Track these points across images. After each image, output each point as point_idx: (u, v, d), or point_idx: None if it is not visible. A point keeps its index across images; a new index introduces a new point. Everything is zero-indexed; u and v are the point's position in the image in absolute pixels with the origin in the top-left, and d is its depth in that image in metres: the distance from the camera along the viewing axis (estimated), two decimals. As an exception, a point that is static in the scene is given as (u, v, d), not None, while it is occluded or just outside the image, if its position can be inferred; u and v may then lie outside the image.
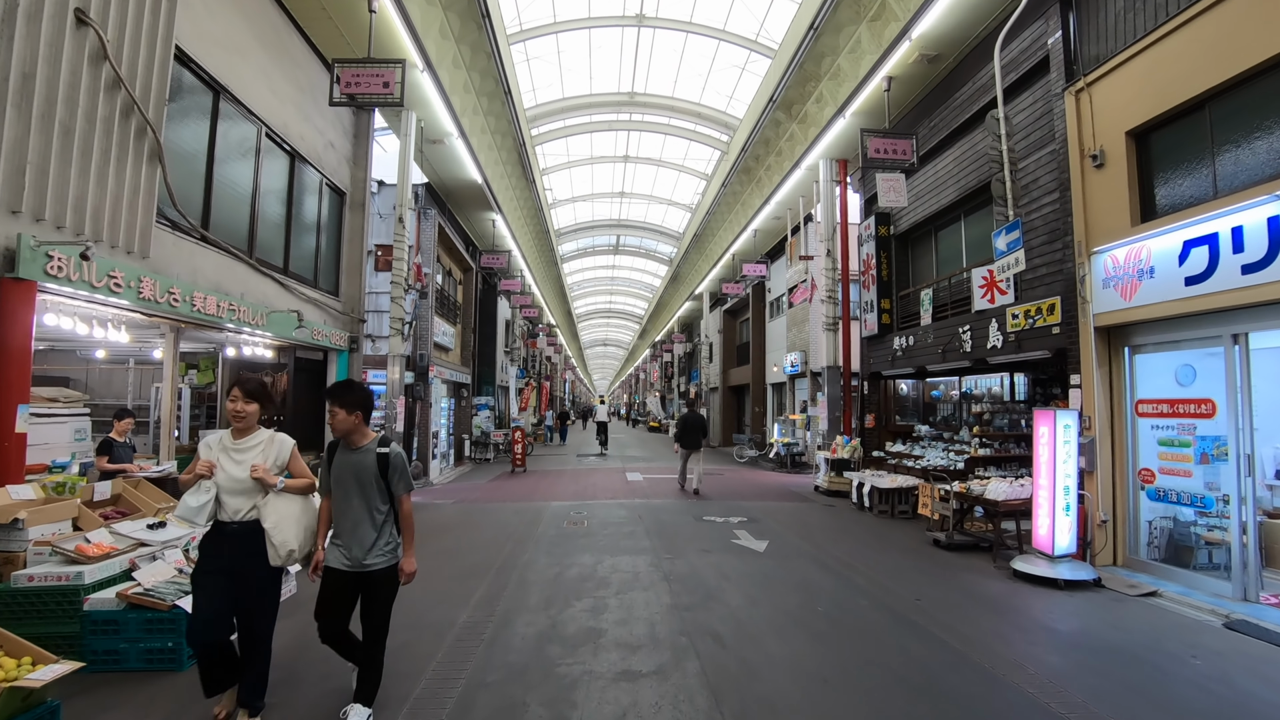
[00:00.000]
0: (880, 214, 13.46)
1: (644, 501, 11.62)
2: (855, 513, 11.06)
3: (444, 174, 15.95)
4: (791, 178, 15.98)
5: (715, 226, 23.69)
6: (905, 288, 13.24)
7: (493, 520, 9.88)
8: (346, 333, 11.72)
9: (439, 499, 12.34)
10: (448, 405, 18.66)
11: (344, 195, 11.95)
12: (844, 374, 14.40)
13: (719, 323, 30.15)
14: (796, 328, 20.64)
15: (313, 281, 10.81)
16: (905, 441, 13.49)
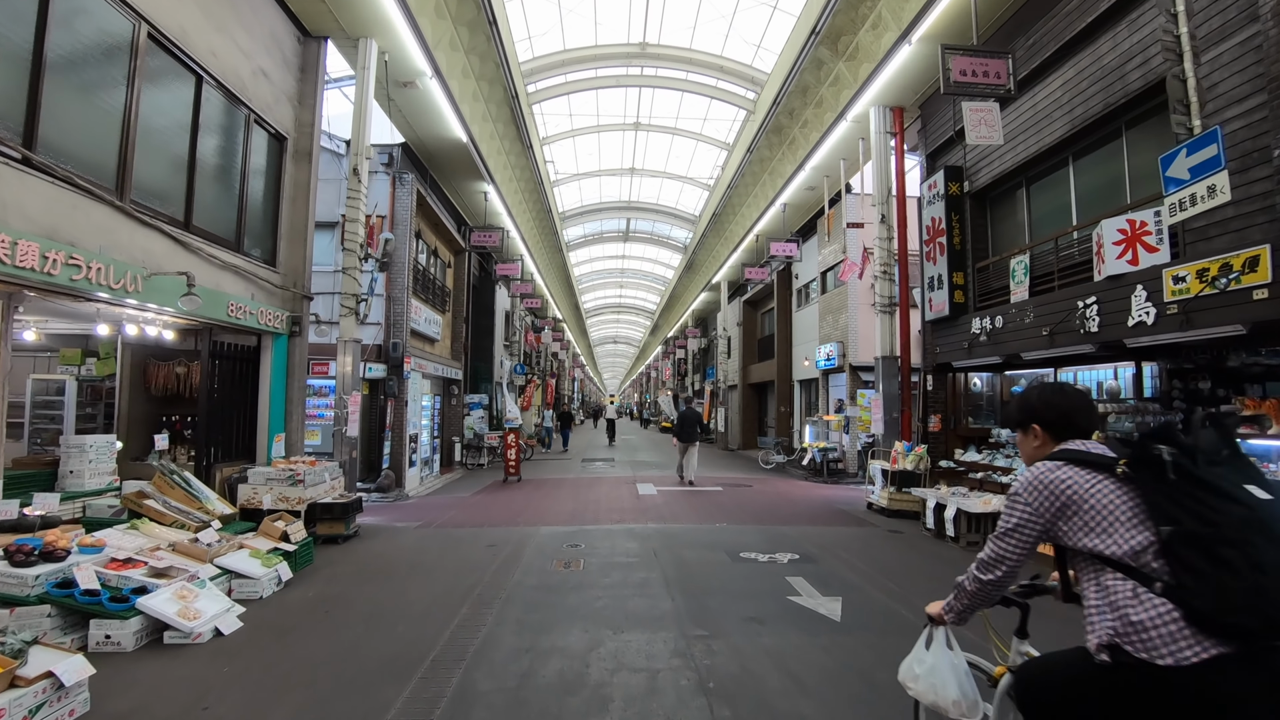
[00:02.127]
0: (950, 168, 10.89)
1: (659, 527, 9.10)
2: (934, 544, 8.53)
3: (423, 131, 13.52)
4: (834, 133, 13.42)
5: (737, 203, 21.14)
6: (984, 257, 10.67)
7: (459, 556, 7.41)
8: (285, 312, 9.30)
9: (404, 519, 9.89)
10: (431, 403, 16.24)
11: (283, 141, 9.53)
12: (903, 366, 11.84)
13: (738, 314, 27.60)
14: (831, 316, 18.08)
15: (234, 244, 8.40)
16: (980, 448, 10.93)
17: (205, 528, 6.52)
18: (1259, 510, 1.64)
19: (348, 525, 8.35)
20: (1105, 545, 1.76)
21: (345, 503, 8.33)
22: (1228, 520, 1.63)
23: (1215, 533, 1.62)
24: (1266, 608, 1.54)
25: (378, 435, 13.21)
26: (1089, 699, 1.79)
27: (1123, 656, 1.68)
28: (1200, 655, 1.57)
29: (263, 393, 9.23)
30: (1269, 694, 1.54)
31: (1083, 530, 1.81)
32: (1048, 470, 1.92)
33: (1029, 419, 2.15)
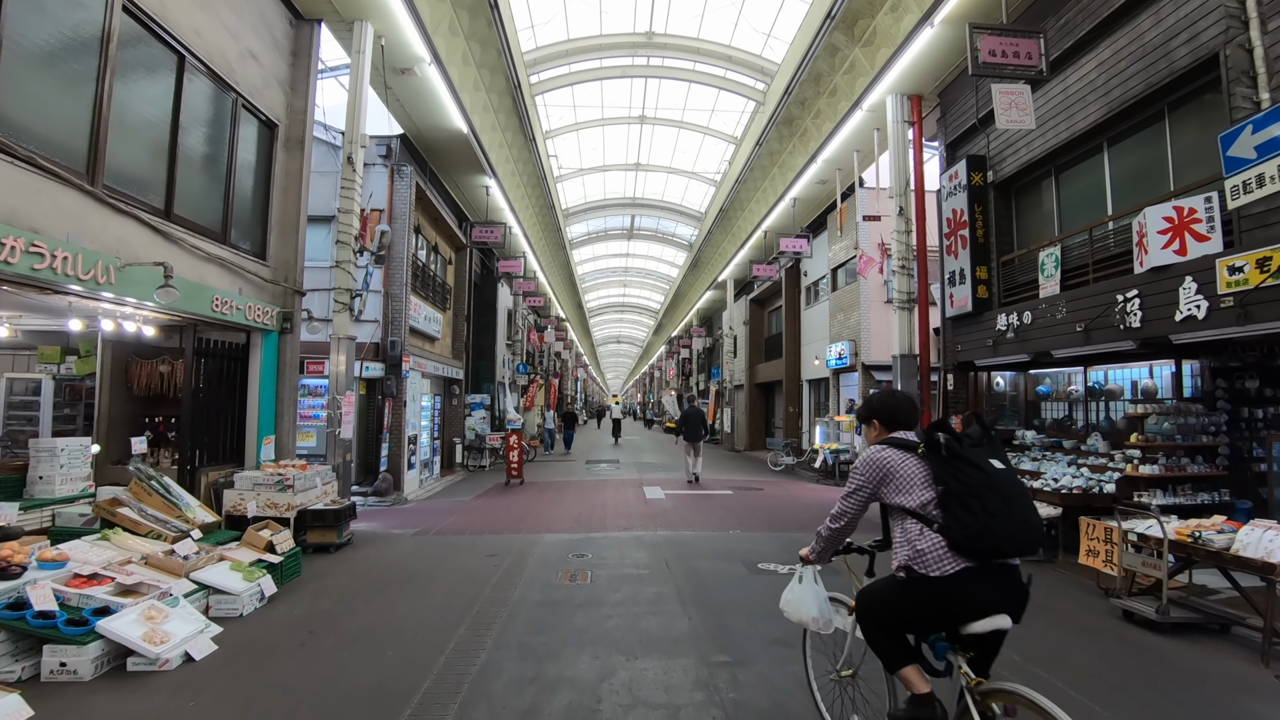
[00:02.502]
0: (973, 158, 10.39)
1: (670, 535, 8.62)
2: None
3: (422, 122, 13.06)
4: (848, 124, 12.93)
5: (745, 198, 20.64)
6: (1009, 250, 10.17)
7: (457, 567, 6.93)
8: (276, 308, 8.84)
9: (401, 525, 9.42)
10: (431, 403, 15.78)
11: (274, 128, 9.06)
12: (922, 364, 11.35)
13: (745, 313, 27.11)
14: (843, 314, 17.60)
15: (220, 236, 7.94)
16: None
17: (184, 538, 6.05)
18: (994, 476, 2.43)
19: (340, 533, 7.89)
20: (907, 501, 2.55)
21: (337, 509, 7.86)
22: (974, 483, 2.40)
23: (966, 490, 2.40)
24: (992, 540, 2.34)
25: (375, 437, 12.75)
26: (892, 601, 2.65)
27: (912, 573, 2.49)
28: (955, 569, 2.38)
29: (251, 393, 8.76)
30: (990, 588, 2.38)
31: (895, 491, 2.60)
32: (877, 451, 2.72)
33: (871, 416, 2.98)
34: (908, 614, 2.64)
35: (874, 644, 2.80)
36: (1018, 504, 2.43)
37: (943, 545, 2.42)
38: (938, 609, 2.50)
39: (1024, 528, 2.41)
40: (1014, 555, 2.42)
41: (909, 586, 2.54)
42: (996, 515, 2.36)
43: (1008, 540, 2.37)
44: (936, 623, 2.59)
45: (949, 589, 2.41)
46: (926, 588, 2.46)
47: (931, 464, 2.53)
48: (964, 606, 2.41)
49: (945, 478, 2.47)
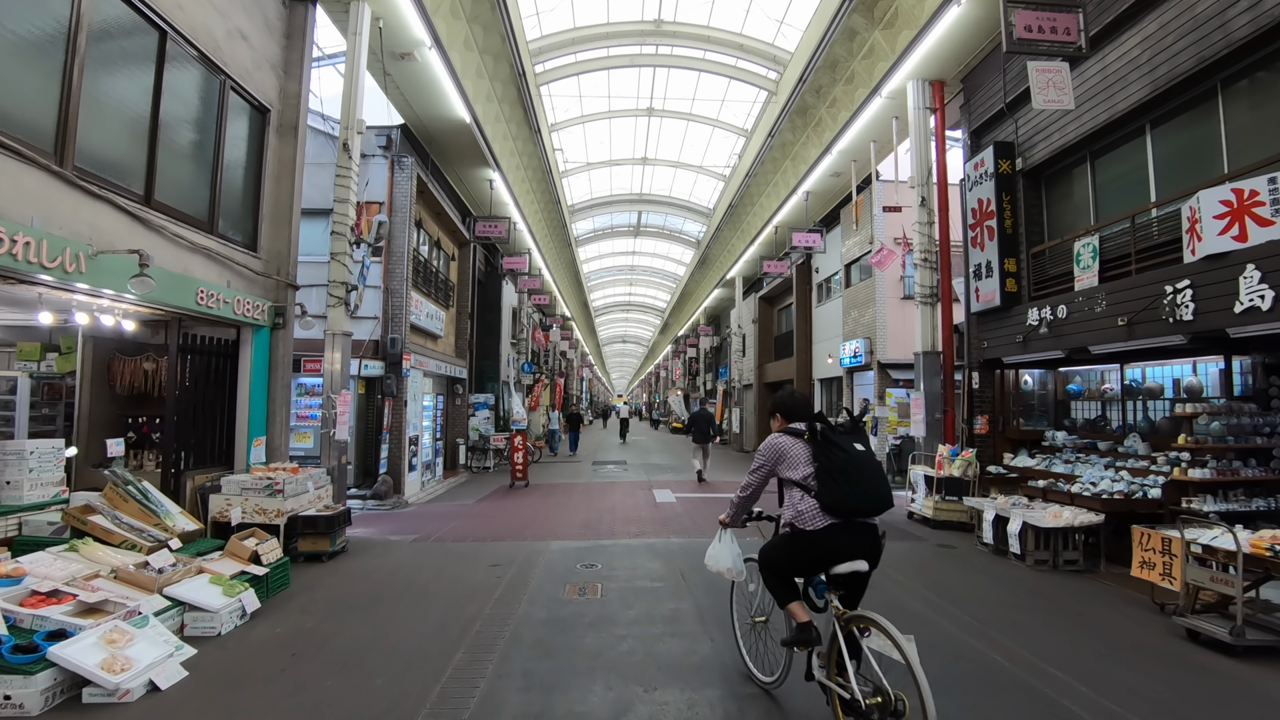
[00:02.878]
0: (1000, 145, 9.87)
1: (684, 543, 8.12)
2: (995, 562, 7.53)
3: (423, 111, 12.60)
4: (865, 112, 12.41)
5: (756, 193, 20.13)
6: (1039, 241, 9.64)
7: (457, 579, 6.45)
8: (267, 302, 8.40)
9: (400, 531, 8.96)
10: (434, 403, 15.32)
11: (266, 113, 8.61)
12: (945, 362, 10.84)
13: (754, 311, 26.58)
14: (857, 310, 17.07)
15: (206, 225, 7.49)
16: (1033, 452, 9.92)
17: (161, 548, 5.60)
18: (854, 456, 3.27)
19: (333, 541, 7.42)
20: (793, 474, 3.38)
21: (330, 515, 7.39)
22: (839, 461, 3.24)
23: (834, 466, 3.24)
24: (851, 502, 3.20)
25: (374, 438, 12.29)
26: (781, 550, 3.49)
27: (795, 528, 3.36)
28: (825, 524, 3.24)
29: (241, 391, 8.31)
30: (852, 539, 3.23)
31: (786, 468, 3.43)
32: (775, 438, 3.55)
33: (776, 411, 3.76)
34: (792, 560, 3.46)
35: (770, 586, 3.62)
36: (872, 477, 3.28)
37: (816, 507, 3.27)
38: (813, 555, 3.33)
39: (875, 495, 3.28)
40: (868, 515, 3.31)
41: (793, 538, 3.41)
42: (855, 485, 3.22)
43: (863, 503, 3.25)
44: (814, 566, 3.38)
45: (821, 539, 3.26)
46: (805, 539, 3.32)
47: (812, 446, 3.37)
48: (832, 553, 3.26)
49: (820, 457, 3.30)
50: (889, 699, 2.88)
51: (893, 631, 2.89)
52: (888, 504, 3.31)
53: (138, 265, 5.68)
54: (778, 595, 3.54)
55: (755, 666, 4.14)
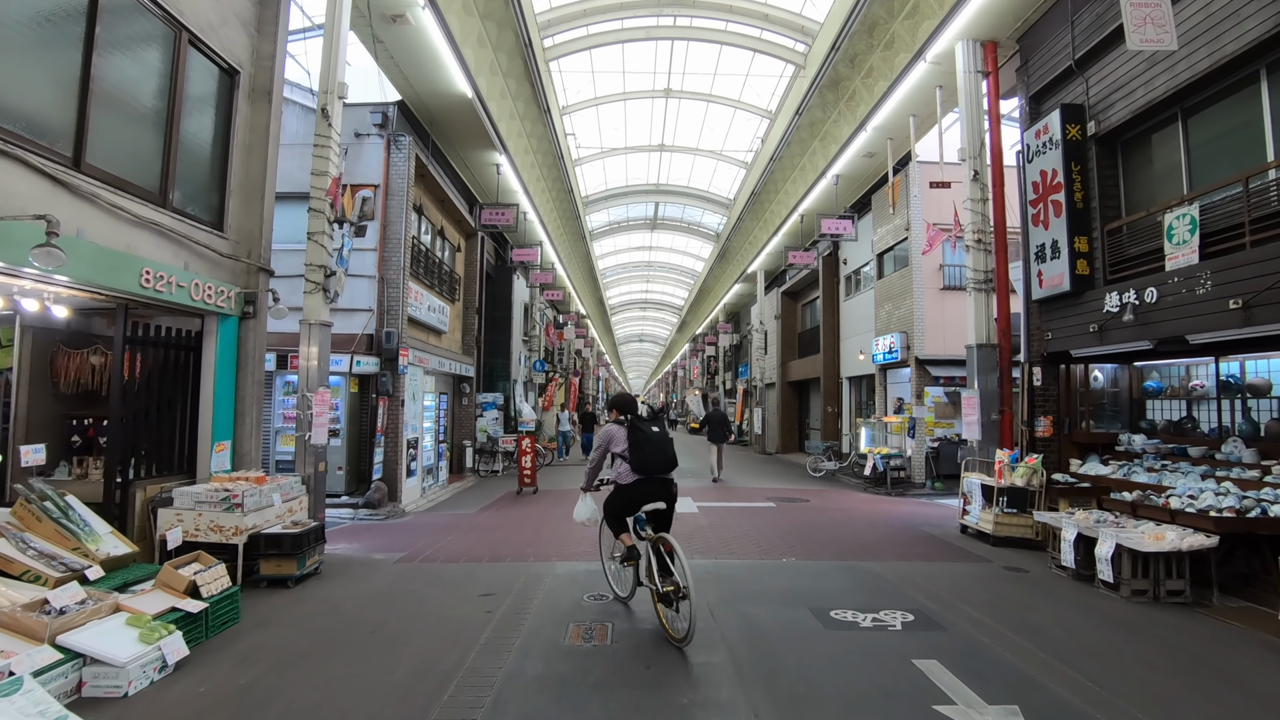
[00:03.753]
0: (1068, 108, 8.65)
1: (711, 565, 7.01)
2: (1082, 590, 6.34)
3: (421, 85, 11.59)
4: (907, 79, 11.22)
5: (780, 179, 18.93)
6: (1115, 216, 8.41)
7: (439, 615, 5.38)
8: (235, 288, 7.39)
9: (386, 547, 7.92)
10: (436, 403, 14.32)
11: (235, 75, 7.60)
12: (1001, 356, 9.62)
13: (776, 307, 25.37)
14: (891, 303, 15.84)
15: (157, 197, 6.49)
16: (1105, 459, 8.69)
17: (73, 579, 4.57)
18: (651, 436, 5.18)
19: (302, 562, 6.38)
20: (618, 449, 5.24)
21: (297, 534, 6.35)
22: (642, 439, 5.14)
23: (639, 441, 5.13)
24: (648, 465, 5.09)
25: (369, 440, 11.29)
26: (613, 499, 5.34)
27: (618, 484, 5.30)
28: (635, 479, 5.15)
29: (205, 389, 7.31)
30: (653, 488, 5.16)
31: (615, 445, 5.27)
32: (609, 426, 5.40)
33: (612, 408, 5.55)
34: (619, 504, 5.32)
35: (610, 525, 5.46)
36: (663, 449, 5.22)
37: (629, 469, 5.21)
38: (630, 499, 5.24)
39: (665, 460, 5.20)
40: (663, 472, 5.22)
41: (617, 490, 5.34)
42: (650, 455, 5.15)
43: (657, 466, 5.17)
44: (632, 507, 5.28)
45: (633, 489, 5.21)
46: (625, 489, 5.25)
47: (628, 430, 5.25)
48: (642, 497, 5.20)
49: (632, 437, 5.20)
50: (678, 586, 4.59)
51: (674, 545, 4.71)
52: (674, 465, 5.26)
53: (40, 231, 4.65)
54: (614, 530, 5.42)
55: (617, 588, 5.83)
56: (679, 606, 4.59)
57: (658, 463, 5.11)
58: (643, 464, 5.07)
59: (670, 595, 4.62)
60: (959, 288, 14.78)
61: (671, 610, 4.70)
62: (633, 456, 5.10)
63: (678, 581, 4.59)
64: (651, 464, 5.09)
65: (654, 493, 5.15)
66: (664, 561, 4.76)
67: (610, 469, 5.39)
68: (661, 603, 4.75)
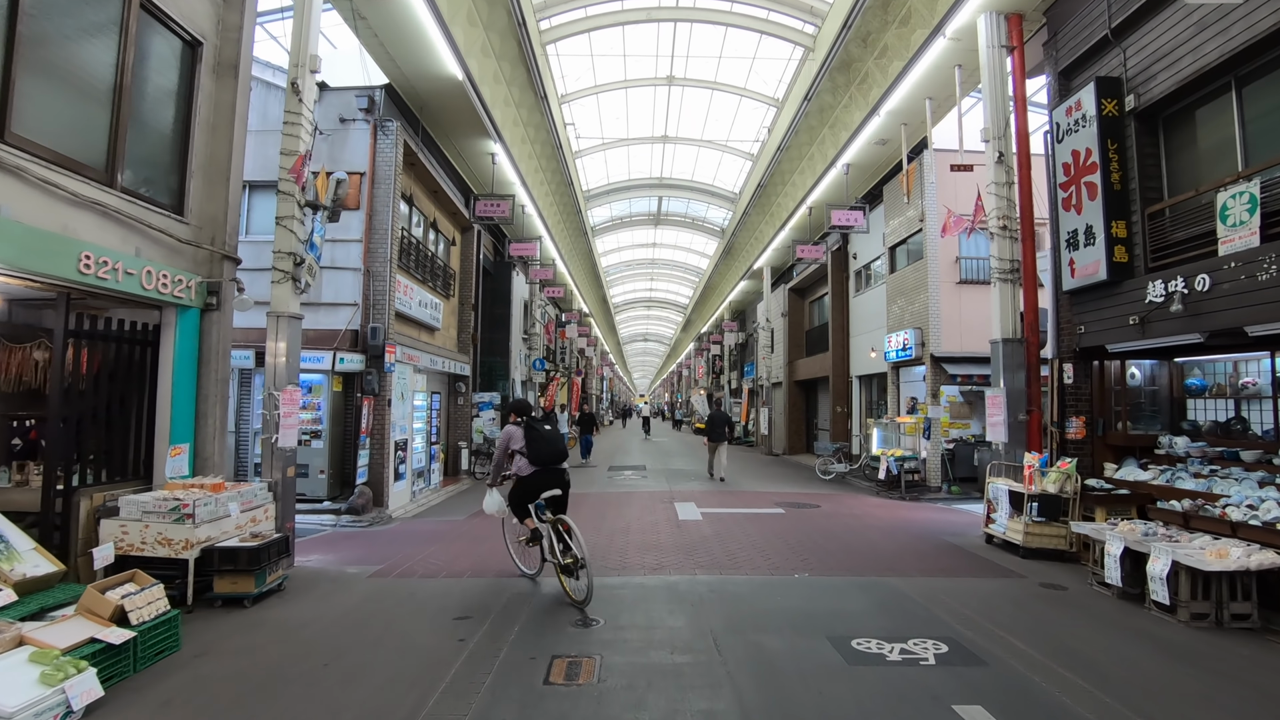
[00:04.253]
0: (1104, 81, 7.96)
1: (715, 582, 6.34)
2: (1125, 610, 5.66)
3: (408, 66, 10.98)
4: (924, 58, 10.53)
5: (788, 170, 18.26)
6: (1158, 198, 7.72)
7: (405, 642, 4.74)
8: (196, 277, 6.78)
9: (361, 559, 7.28)
10: (428, 403, 13.69)
11: (197, 47, 6.99)
12: (1029, 352, 8.94)
13: (783, 304, 24.68)
14: (904, 298, 15.14)
15: (102, 175, 5.88)
16: (1144, 463, 8.01)
17: (-25, 606, 3.95)
18: (544, 433, 6.12)
19: (261, 579, 5.75)
20: (517, 447, 6.13)
21: (255, 547, 5.72)
22: (536, 436, 6.07)
23: (533, 439, 6.05)
24: (543, 458, 6.04)
25: (353, 442, 10.66)
26: (515, 489, 6.21)
27: (518, 476, 6.16)
28: (533, 471, 6.05)
29: (163, 387, 6.69)
30: (549, 478, 6.04)
31: (514, 444, 6.14)
32: (509, 427, 6.27)
33: (510, 412, 6.52)
34: (521, 494, 6.10)
35: (514, 511, 6.22)
36: (554, 444, 6.10)
37: (528, 462, 6.01)
38: (530, 488, 6.02)
39: (557, 453, 6.10)
40: (556, 463, 6.08)
41: (519, 481, 6.12)
42: (544, 450, 6.01)
43: (551, 459, 6.04)
44: (532, 495, 6.02)
45: (532, 479, 6.02)
46: (525, 480, 6.05)
47: (525, 429, 6.09)
48: (540, 486, 5.99)
49: (528, 435, 6.04)
50: (577, 559, 5.56)
51: (571, 525, 5.71)
52: (564, 457, 6.24)
53: (-61, 205, 4.03)
54: (519, 516, 6.20)
55: (523, 565, 6.55)
56: (578, 574, 5.56)
57: (551, 455, 6.07)
58: (539, 457, 6.03)
59: (570, 566, 5.59)
60: (976, 281, 14.10)
61: (572, 579, 5.69)
62: (530, 451, 6.03)
63: (576, 554, 5.55)
64: (546, 457, 6.05)
65: (550, 481, 6.05)
66: (563, 539, 5.71)
67: (513, 466, 6.22)
68: (564, 574, 5.72)
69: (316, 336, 10.61)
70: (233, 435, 10.75)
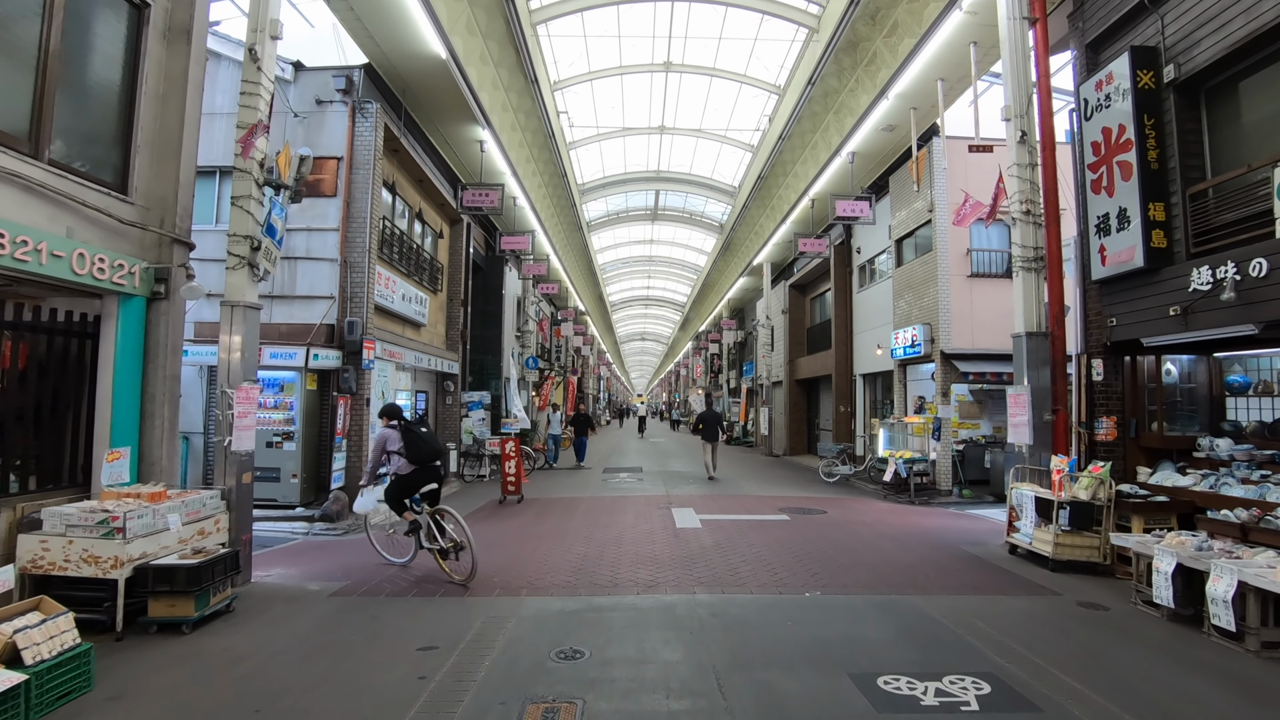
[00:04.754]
0: (1139, 50, 7.31)
1: (716, 602, 5.67)
2: (1182, 636, 5.01)
3: (389, 44, 10.31)
4: (937, 33, 9.89)
5: (790, 160, 17.61)
6: (1200, 177, 7.06)
7: (354, 683, 4.07)
8: (141, 263, 6.12)
9: (325, 574, 6.62)
10: (413, 401, 13.02)
11: (144, 9, 6.33)
12: (1054, 347, 8.28)
13: (783, 301, 24.02)
14: (912, 292, 14.50)
15: (26, 146, 5.26)
16: (1182, 467, 7.36)
17: None
18: (420, 435, 6.75)
19: (203, 601, 5.07)
20: (394, 448, 6.62)
21: (196, 565, 5.04)
22: (413, 438, 6.63)
23: (410, 440, 6.61)
24: (420, 457, 6.61)
25: (328, 444, 9.99)
26: (394, 486, 6.66)
27: (397, 474, 6.65)
28: (412, 469, 6.60)
29: (103, 385, 6.03)
30: (426, 474, 6.70)
31: (390, 445, 6.63)
32: (384, 429, 6.69)
33: (383, 415, 6.88)
34: (400, 490, 6.60)
35: (393, 507, 6.70)
36: (430, 444, 6.74)
37: (407, 461, 6.53)
38: (409, 484, 6.58)
39: (433, 452, 6.72)
40: (432, 461, 6.70)
41: (399, 480, 6.59)
42: (421, 449, 6.59)
43: (428, 457, 6.66)
44: (411, 491, 6.61)
45: (412, 476, 6.58)
46: (405, 478, 6.57)
47: (401, 432, 6.58)
48: (417, 482, 6.61)
49: (405, 437, 6.56)
50: (456, 543, 6.32)
51: (455, 514, 6.44)
52: (440, 455, 6.96)
53: None
54: (397, 510, 6.72)
55: (391, 556, 7.12)
56: (459, 555, 6.35)
57: (428, 454, 6.68)
58: (417, 456, 6.59)
59: (449, 550, 6.34)
60: (989, 274, 13.48)
61: (452, 559, 6.39)
62: (409, 452, 6.56)
63: (455, 539, 6.33)
64: (424, 455, 6.63)
65: (427, 477, 6.70)
66: (441, 527, 6.43)
67: (391, 466, 6.69)
68: (444, 558, 6.42)
69: (289, 331, 9.95)
70: (200, 438, 10.09)
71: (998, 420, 14.23)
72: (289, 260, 10.18)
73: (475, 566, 6.12)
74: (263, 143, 6.68)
